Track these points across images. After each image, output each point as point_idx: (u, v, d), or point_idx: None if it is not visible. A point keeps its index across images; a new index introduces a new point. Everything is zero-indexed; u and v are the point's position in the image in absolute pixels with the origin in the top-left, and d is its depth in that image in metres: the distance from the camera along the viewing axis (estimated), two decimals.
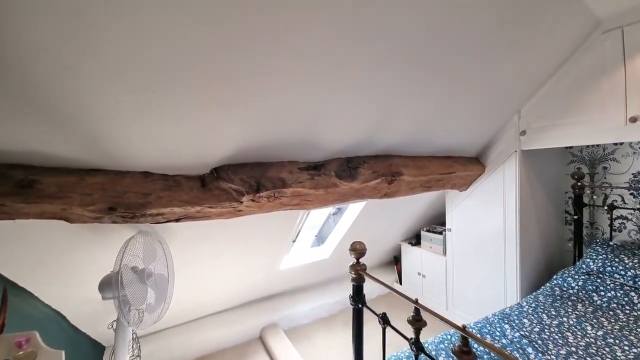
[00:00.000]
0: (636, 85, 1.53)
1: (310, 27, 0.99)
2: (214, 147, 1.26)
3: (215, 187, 1.30)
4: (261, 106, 1.20)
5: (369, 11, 1.03)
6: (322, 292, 3.19)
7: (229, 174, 1.31)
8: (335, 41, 1.08)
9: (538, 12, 1.39)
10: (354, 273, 1.26)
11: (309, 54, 1.09)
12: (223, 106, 1.12)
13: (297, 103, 1.27)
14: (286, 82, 1.15)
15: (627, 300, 1.66)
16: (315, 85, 1.22)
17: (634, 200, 2.04)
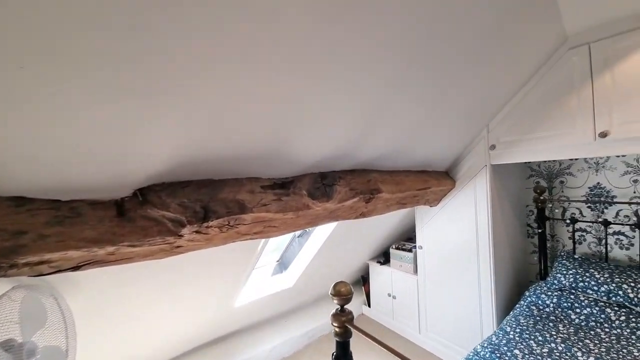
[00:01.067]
0: (604, 101, 1.54)
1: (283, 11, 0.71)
2: (139, 158, 0.87)
3: (141, 217, 0.90)
4: (214, 104, 0.86)
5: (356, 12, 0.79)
6: (284, 325, 2.80)
7: (162, 196, 0.92)
8: (317, 32, 0.82)
9: (512, 25, 1.33)
10: (338, 326, 0.95)
11: (283, 45, 0.80)
12: (156, 97, 0.76)
13: (265, 105, 0.96)
14: (250, 77, 0.84)
15: (604, 317, 1.62)
16: (287, 84, 0.93)
17: (592, 213, 2.12)
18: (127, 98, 0.72)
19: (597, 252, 2.09)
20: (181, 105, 0.81)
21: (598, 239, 2.09)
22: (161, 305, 1.63)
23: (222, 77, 0.81)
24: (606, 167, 2.05)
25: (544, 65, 1.77)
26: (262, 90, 0.91)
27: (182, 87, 0.77)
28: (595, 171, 2.10)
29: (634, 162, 1.93)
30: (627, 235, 1.96)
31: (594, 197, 2.10)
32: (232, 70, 0.80)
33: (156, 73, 0.71)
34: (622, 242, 1.99)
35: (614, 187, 2.02)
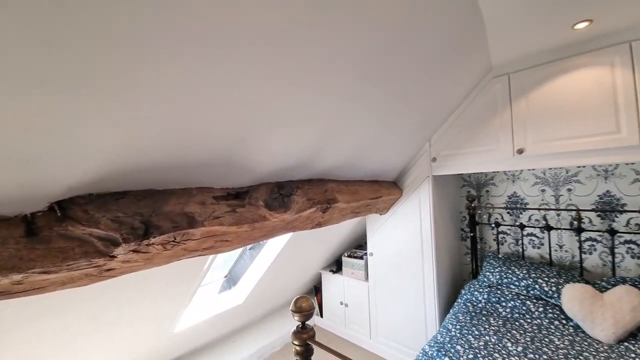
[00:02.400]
0: (520, 123, 1.82)
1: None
2: (58, 163, 0.71)
3: (58, 236, 0.73)
4: (161, 103, 0.76)
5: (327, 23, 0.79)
6: (233, 345, 2.60)
7: (89, 210, 0.76)
8: (274, 47, 0.78)
9: (450, 54, 1.50)
10: (299, 344, 0.90)
11: (242, 54, 0.75)
12: (85, 90, 0.63)
13: (220, 110, 0.88)
14: (206, 78, 0.76)
15: (525, 309, 1.88)
16: (245, 91, 0.87)
17: (510, 218, 2.46)
18: (45, 88, 0.59)
19: (515, 251, 2.43)
20: (120, 101, 0.69)
21: (516, 240, 2.43)
22: (92, 335, 1.36)
23: (174, 73, 0.71)
24: (520, 178, 2.42)
25: (474, 90, 2.03)
26: (218, 93, 0.84)
27: (122, 80, 0.66)
28: (512, 182, 2.46)
29: (541, 174, 2.31)
30: (538, 236, 2.33)
31: (511, 204, 2.46)
32: (185, 66, 0.72)
33: (87, 61, 0.59)
34: (534, 242, 2.35)
35: (526, 196, 2.39)
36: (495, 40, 1.60)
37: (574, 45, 1.64)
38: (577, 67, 1.65)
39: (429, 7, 1.08)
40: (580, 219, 2.08)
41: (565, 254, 2.19)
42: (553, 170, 2.25)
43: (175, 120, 0.83)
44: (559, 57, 1.70)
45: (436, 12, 1.13)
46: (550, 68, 1.73)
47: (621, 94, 1.52)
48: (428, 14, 1.11)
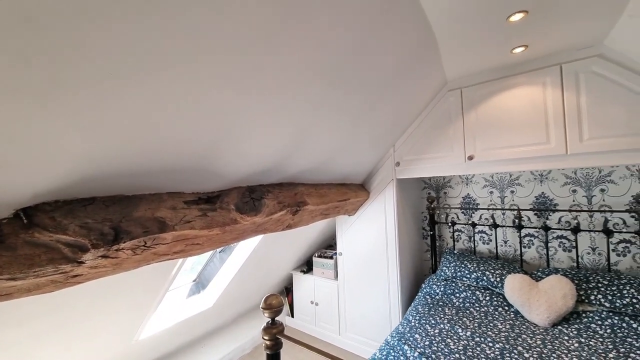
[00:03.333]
0: (471, 132, 2.04)
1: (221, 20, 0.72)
2: (23, 169, 0.71)
3: (24, 243, 0.72)
4: (131, 109, 0.78)
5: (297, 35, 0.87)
6: (201, 350, 2.57)
7: (56, 217, 0.77)
8: (247, 57, 0.85)
9: (410, 69, 1.65)
10: (269, 339, 0.96)
11: (214, 62, 0.80)
12: (54, 95, 0.64)
13: (192, 117, 0.92)
14: (177, 86, 0.80)
15: (475, 298, 2.10)
16: (216, 98, 0.92)
17: (464, 217, 2.71)
18: (12, 97, 0.60)
19: (469, 247, 2.69)
20: (86, 110, 0.71)
21: (469, 237, 2.68)
22: (54, 345, 1.30)
23: (141, 84, 0.74)
24: (473, 181, 2.67)
25: (432, 101, 2.22)
26: (186, 104, 0.88)
27: (89, 90, 0.68)
28: (466, 184, 2.71)
29: (490, 178, 2.58)
30: (487, 233, 2.59)
31: (465, 204, 2.71)
32: (153, 79, 0.75)
33: (55, 73, 0.61)
34: (484, 239, 2.61)
35: (478, 197, 2.65)
36: (448, 59, 1.78)
37: (513, 66, 1.88)
38: (515, 85, 1.89)
39: (388, 26, 1.21)
40: (521, 217, 2.36)
41: (509, 249, 2.47)
42: (499, 175, 2.53)
43: (143, 129, 0.85)
44: (501, 76, 1.93)
45: (395, 31, 1.26)
46: (494, 85, 1.97)
47: (551, 110, 1.78)
48: (387, 31, 1.23)
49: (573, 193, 2.21)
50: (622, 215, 2.03)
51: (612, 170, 2.08)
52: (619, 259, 2.05)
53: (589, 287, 1.85)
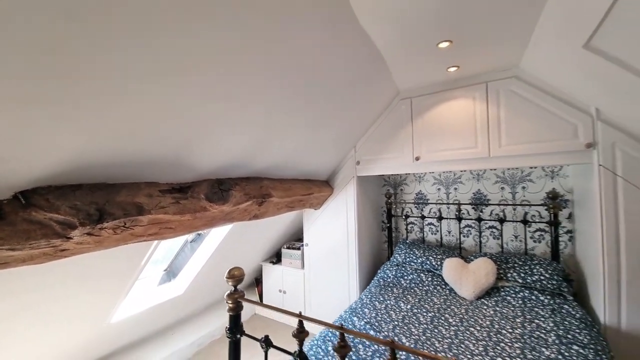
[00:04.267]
0: (418, 136, 2.36)
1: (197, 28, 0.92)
2: (23, 159, 0.86)
3: (23, 220, 0.88)
4: (115, 109, 0.95)
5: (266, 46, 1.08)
6: (172, 337, 2.69)
7: (50, 199, 0.92)
8: (230, 47, 1.05)
9: (367, 79, 1.93)
10: (231, 302, 1.18)
11: (187, 68, 0.99)
12: (48, 96, 0.81)
13: (169, 114, 1.10)
14: (156, 85, 0.98)
15: (419, 280, 2.43)
16: (187, 101, 1.11)
17: (417, 210, 3.06)
18: (22, 104, 0.76)
19: (419, 237, 3.04)
20: (75, 110, 0.87)
21: (420, 228, 3.04)
22: (27, 326, 1.40)
23: (129, 91, 0.92)
24: (424, 179, 3.03)
25: (388, 108, 2.52)
26: (164, 103, 1.05)
27: (75, 94, 0.83)
28: (419, 182, 3.06)
29: (438, 176, 2.95)
30: (435, 224, 2.96)
31: (418, 200, 3.06)
32: (141, 86, 0.93)
33: (55, 77, 0.78)
34: (432, 230, 2.97)
35: (428, 193, 3.00)
36: (397, 74, 2.08)
37: (451, 82, 2.22)
38: (453, 98, 2.23)
39: (340, 50, 1.45)
40: (461, 210, 2.74)
41: (452, 238, 2.85)
42: (445, 174, 2.90)
43: (126, 130, 1.02)
44: (443, 89, 2.27)
45: (347, 53, 1.51)
46: (437, 97, 2.30)
47: (478, 120, 2.13)
48: (340, 54, 1.48)
49: (501, 190, 2.62)
50: (538, 209, 2.45)
51: (531, 171, 2.51)
52: (535, 244, 2.48)
53: (507, 267, 2.24)
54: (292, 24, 1.13)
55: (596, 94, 1.67)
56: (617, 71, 1.34)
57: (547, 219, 2.40)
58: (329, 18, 1.23)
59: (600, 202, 1.75)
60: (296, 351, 1.03)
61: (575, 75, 1.64)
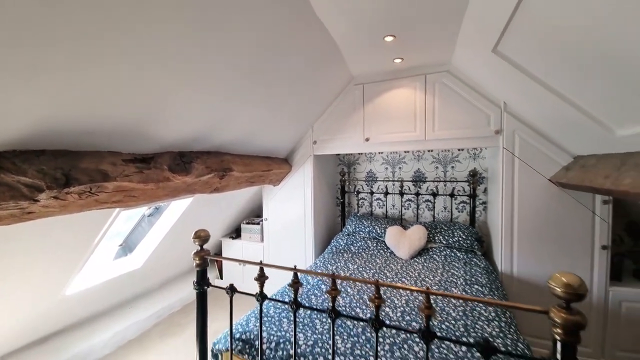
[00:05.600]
0: (368, 119, 2.63)
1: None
2: None
3: None
4: (81, 77, 0.99)
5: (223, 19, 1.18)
6: (129, 310, 2.72)
7: (16, 163, 0.96)
8: (187, 27, 1.13)
9: (323, 64, 2.10)
10: (198, 259, 1.33)
11: (153, 34, 1.06)
12: (8, 62, 0.84)
13: (133, 84, 1.15)
14: (122, 56, 1.04)
15: (366, 246, 2.80)
16: (156, 70, 1.17)
17: (367, 187, 3.41)
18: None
19: (368, 211, 3.41)
20: (37, 76, 0.91)
21: (369, 203, 3.41)
22: None
23: (91, 60, 0.97)
24: (374, 159, 3.37)
25: (343, 91, 2.74)
26: (124, 74, 1.11)
27: (39, 60, 0.87)
28: (370, 162, 3.40)
29: (386, 157, 3.30)
30: (382, 199, 3.34)
31: (368, 177, 3.40)
32: (98, 52, 0.98)
33: (17, 45, 0.82)
34: (380, 204, 3.36)
35: (377, 172, 3.36)
36: (350, 61, 2.28)
37: (397, 72, 2.50)
38: (398, 86, 2.52)
39: (295, 35, 1.59)
40: (403, 187, 3.14)
41: (395, 210, 3.26)
42: (392, 154, 3.26)
43: (88, 98, 1.07)
44: (391, 78, 2.54)
45: (301, 39, 1.66)
46: (386, 84, 2.57)
47: (418, 107, 2.46)
48: (295, 39, 1.62)
49: (436, 169, 3.06)
50: (462, 184, 2.94)
51: (459, 153, 2.97)
52: (459, 214, 2.99)
53: (436, 232, 2.69)
54: (252, 5, 1.24)
55: (504, 91, 2.07)
56: (517, 74, 1.70)
57: (468, 193, 2.90)
58: (288, 7, 1.37)
59: (502, 177, 2.21)
60: (257, 292, 1.23)
61: (488, 75, 2.02)
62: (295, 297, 1.17)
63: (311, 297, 1.86)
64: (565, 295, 0.72)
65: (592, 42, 1.09)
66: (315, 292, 1.93)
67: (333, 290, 1.08)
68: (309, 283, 2.09)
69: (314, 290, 1.98)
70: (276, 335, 1.44)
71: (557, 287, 0.73)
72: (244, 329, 1.51)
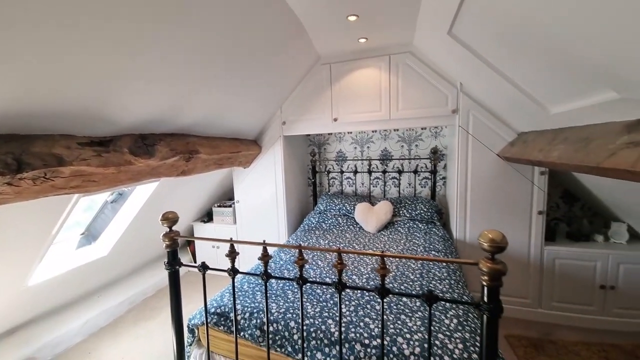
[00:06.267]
0: (336, 99, 2.68)
1: None
2: None
3: None
4: (26, 58, 0.93)
5: None
6: (98, 299, 2.67)
7: None
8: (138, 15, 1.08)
9: (289, 43, 2.08)
10: (168, 240, 1.35)
11: (106, 11, 1.01)
12: None
13: (84, 66, 1.10)
14: (70, 36, 0.98)
15: (337, 223, 2.93)
16: (108, 49, 1.12)
17: (337, 167, 3.51)
18: None
19: (339, 190, 3.54)
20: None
21: (340, 182, 3.52)
22: None
23: (34, 40, 0.91)
24: (343, 139, 3.45)
25: (310, 71, 2.74)
26: (75, 55, 1.05)
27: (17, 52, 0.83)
28: (339, 142, 3.47)
29: (355, 137, 3.39)
30: (351, 178, 3.47)
31: (338, 157, 3.49)
32: (46, 29, 0.92)
33: None
34: (350, 182, 3.49)
35: (346, 151, 3.45)
36: (316, 41, 2.28)
37: (361, 52, 2.54)
38: (364, 66, 2.57)
39: (259, 15, 1.56)
40: (371, 165, 3.28)
41: (364, 188, 3.42)
42: (360, 134, 3.36)
43: (34, 78, 1.01)
44: (355, 58, 2.58)
45: (266, 18, 1.63)
46: (352, 64, 2.60)
47: (383, 87, 2.54)
48: (259, 18, 1.59)
49: (401, 147, 3.22)
50: (425, 161, 3.13)
51: (422, 132, 3.14)
52: (422, 189, 3.20)
53: (401, 206, 2.89)
54: None
55: (459, 72, 2.21)
56: (469, 56, 1.81)
57: (430, 169, 3.11)
58: None
59: (457, 153, 2.40)
60: (229, 268, 1.30)
61: (446, 56, 2.13)
62: (266, 269, 1.24)
63: (283, 272, 1.96)
64: (490, 248, 0.86)
65: (532, 28, 1.21)
66: (287, 267, 2.03)
67: (300, 259, 1.16)
68: (282, 259, 2.19)
69: (287, 265, 2.08)
70: (250, 306, 1.53)
71: (485, 242, 0.87)
72: (219, 303, 1.58)
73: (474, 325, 1.31)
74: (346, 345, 1.25)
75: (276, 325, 1.40)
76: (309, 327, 1.35)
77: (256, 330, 1.42)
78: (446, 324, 1.31)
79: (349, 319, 1.38)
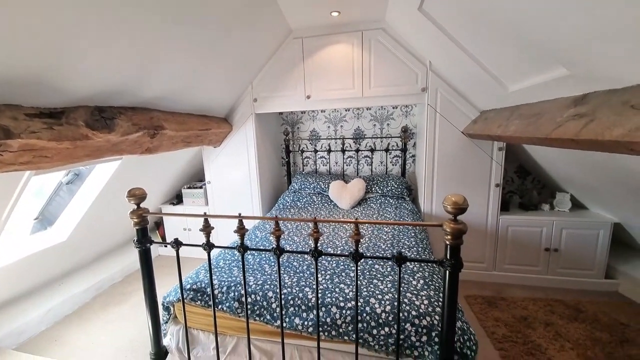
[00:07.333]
0: (309, 76, 2.63)
1: None
2: None
3: None
4: None
5: None
6: (60, 287, 2.52)
7: None
8: None
9: (259, 16, 1.98)
10: (136, 218, 1.29)
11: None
12: None
13: (30, 28, 0.97)
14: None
15: (312, 201, 2.97)
16: (55, 10, 0.99)
17: (311, 146, 3.51)
18: None
19: (313, 169, 3.56)
20: None
21: (314, 161, 3.54)
22: None
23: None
24: (317, 118, 3.43)
25: (281, 46, 2.64)
26: (25, 19, 0.93)
27: None
28: (313, 120, 3.45)
29: (328, 115, 3.39)
30: (325, 157, 3.49)
31: (312, 137, 3.49)
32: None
33: None
34: (323, 162, 3.51)
35: (320, 130, 3.45)
36: (287, 11, 2.19)
37: (334, 27, 2.49)
38: (337, 42, 2.53)
39: None
40: (345, 144, 3.32)
41: (338, 167, 3.47)
42: (333, 113, 3.37)
43: None
44: (328, 33, 2.53)
45: None
46: (325, 39, 2.55)
47: (356, 64, 2.54)
48: None
49: (374, 126, 3.29)
50: (396, 140, 3.23)
51: (393, 111, 3.21)
52: (393, 167, 3.32)
53: (373, 184, 2.99)
54: None
55: (429, 50, 2.26)
56: (438, 33, 1.86)
57: (400, 148, 3.22)
58: None
59: (426, 131, 2.51)
60: (204, 242, 1.28)
61: (416, 33, 2.17)
62: (242, 242, 1.25)
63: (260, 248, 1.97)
64: (453, 210, 0.94)
65: (494, 7, 1.26)
66: (264, 244, 2.05)
67: (277, 230, 1.18)
68: (257, 236, 2.20)
69: (262, 242, 2.09)
70: (227, 280, 1.54)
71: (448, 205, 0.94)
72: (194, 280, 1.57)
73: (438, 284, 1.44)
74: (323, 309, 1.32)
75: (254, 296, 1.43)
76: (287, 295, 1.40)
77: (234, 302, 1.44)
78: (414, 285, 1.42)
79: (325, 286, 1.44)
